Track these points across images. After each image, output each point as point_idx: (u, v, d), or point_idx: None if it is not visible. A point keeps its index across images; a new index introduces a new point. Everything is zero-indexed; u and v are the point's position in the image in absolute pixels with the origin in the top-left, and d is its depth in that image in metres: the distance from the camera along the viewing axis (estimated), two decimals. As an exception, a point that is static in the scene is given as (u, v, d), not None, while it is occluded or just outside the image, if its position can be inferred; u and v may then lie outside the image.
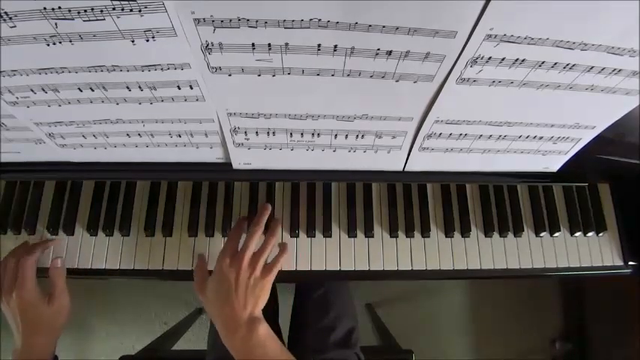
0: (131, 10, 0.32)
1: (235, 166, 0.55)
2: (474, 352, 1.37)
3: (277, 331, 0.78)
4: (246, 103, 0.45)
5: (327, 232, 0.61)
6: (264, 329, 0.48)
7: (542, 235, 0.63)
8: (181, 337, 1.16)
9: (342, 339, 0.70)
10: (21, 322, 0.51)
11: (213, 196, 0.62)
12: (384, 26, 0.34)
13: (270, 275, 0.51)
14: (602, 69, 0.40)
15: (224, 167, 0.56)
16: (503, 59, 0.39)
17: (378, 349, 0.99)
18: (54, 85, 0.41)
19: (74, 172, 0.60)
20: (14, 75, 0.40)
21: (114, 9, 0.32)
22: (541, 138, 0.52)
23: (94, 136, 0.50)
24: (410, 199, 0.63)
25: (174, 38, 0.35)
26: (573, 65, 0.39)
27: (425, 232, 0.62)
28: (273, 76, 0.40)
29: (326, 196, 0.62)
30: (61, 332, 0.54)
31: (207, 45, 0.37)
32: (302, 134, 0.50)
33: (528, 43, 0.36)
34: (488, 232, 0.62)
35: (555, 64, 0.39)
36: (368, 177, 0.63)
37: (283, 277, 0.60)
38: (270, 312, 0.76)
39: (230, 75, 0.40)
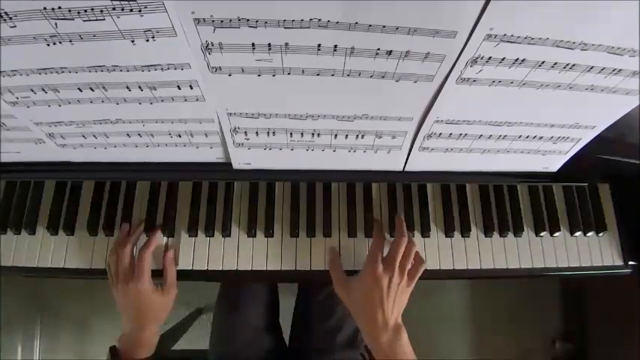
0: (131, 10, 0.32)
1: (235, 166, 0.55)
2: (474, 352, 1.37)
3: (278, 330, 0.78)
4: (246, 103, 0.45)
5: (327, 232, 0.61)
6: (406, 335, 0.51)
7: (542, 235, 0.63)
8: (181, 337, 1.15)
9: (348, 340, 0.70)
10: (134, 311, 0.55)
11: (213, 196, 0.62)
12: (384, 26, 0.34)
13: (414, 283, 0.54)
14: (602, 69, 0.40)
15: (224, 167, 0.56)
16: (503, 59, 0.39)
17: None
18: (54, 85, 0.41)
19: (74, 172, 0.60)
20: (14, 75, 0.40)
21: (114, 9, 0.32)
22: (541, 138, 0.52)
23: (94, 136, 0.50)
24: (410, 199, 0.63)
25: (175, 38, 0.35)
26: (573, 65, 0.39)
27: (425, 232, 0.61)
28: (274, 76, 0.40)
29: (326, 196, 0.62)
30: (163, 322, 0.59)
31: (207, 45, 0.37)
32: (302, 134, 0.50)
33: (528, 43, 0.36)
34: (488, 232, 0.62)
35: (555, 64, 0.39)
36: (368, 177, 0.63)
37: (283, 276, 0.60)
38: (271, 311, 0.76)
39: (230, 75, 0.40)
